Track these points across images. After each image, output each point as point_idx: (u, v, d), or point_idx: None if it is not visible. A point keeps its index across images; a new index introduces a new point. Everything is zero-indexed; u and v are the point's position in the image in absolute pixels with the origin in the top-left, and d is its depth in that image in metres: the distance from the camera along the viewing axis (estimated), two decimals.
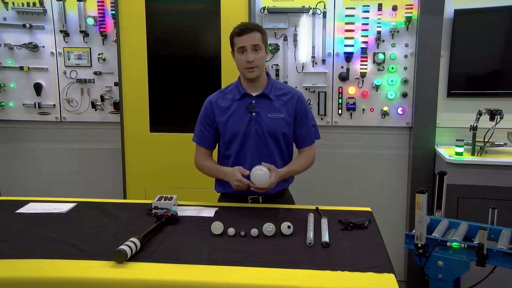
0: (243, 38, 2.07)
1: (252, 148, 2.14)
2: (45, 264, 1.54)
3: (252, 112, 2.14)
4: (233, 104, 2.17)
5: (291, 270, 1.48)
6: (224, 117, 2.17)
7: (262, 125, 2.14)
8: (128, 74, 3.19)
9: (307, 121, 2.22)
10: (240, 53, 2.09)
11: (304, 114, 2.21)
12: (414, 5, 3.08)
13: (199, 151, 2.27)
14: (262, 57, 2.11)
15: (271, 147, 2.17)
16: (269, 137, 2.15)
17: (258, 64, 2.09)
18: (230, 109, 2.17)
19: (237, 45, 2.09)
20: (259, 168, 2.00)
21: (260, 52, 2.09)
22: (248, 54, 2.07)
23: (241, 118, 2.15)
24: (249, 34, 2.07)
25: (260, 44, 2.09)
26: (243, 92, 2.17)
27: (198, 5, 3.12)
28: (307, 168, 2.25)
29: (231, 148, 2.18)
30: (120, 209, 2.09)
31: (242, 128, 2.14)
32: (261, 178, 1.99)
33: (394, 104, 3.22)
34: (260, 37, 2.09)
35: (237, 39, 2.09)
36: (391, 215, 3.29)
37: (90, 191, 3.50)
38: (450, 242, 1.69)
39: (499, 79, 3.11)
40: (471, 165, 2.81)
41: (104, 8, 3.33)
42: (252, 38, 2.07)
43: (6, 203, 2.21)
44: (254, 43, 2.07)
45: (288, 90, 2.23)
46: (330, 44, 3.20)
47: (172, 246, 1.67)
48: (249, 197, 2.19)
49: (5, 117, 3.58)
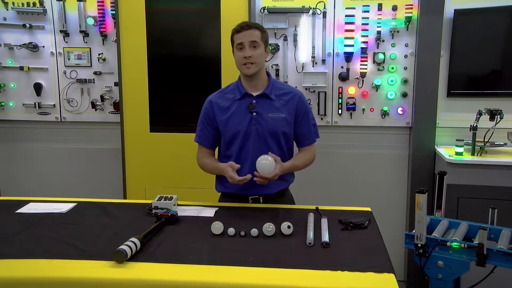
0: (242, 35, 2.09)
1: (253, 147, 2.14)
2: (45, 264, 1.54)
3: (252, 112, 2.15)
4: (233, 104, 2.18)
5: (291, 270, 1.48)
6: (225, 117, 2.17)
7: (263, 125, 2.14)
8: (128, 74, 3.19)
9: (308, 121, 2.23)
10: (238, 50, 2.11)
11: (305, 114, 2.22)
12: (414, 5, 3.08)
13: (200, 150, 2.28)
14: (260, 54, 2.11)
15: (272, 146, 2.17)
16: (270, 136, 2.15)
17: (255, 60, 2.10)
18: (230, 109, 2.17)
19: (236, 41, 2.12)
20: (265, 158, 2.02)
21: (258, 49, 2.10)
22: (245, 50, 2.08)
23: (242, 118, 2.15)
24: (248, 31, 2.09)
25: (259, 41, 2.10)
26: (244, 92, 2.17)
27: (198, 5, 3.12)
28: (308, 165, 2.27)
29: (231, 148, 2.18)
30: (120, 209, 2.09)
31: (243, 128, 2.14)
32: (266, 167, 2.00)
33: (394, 104, 3.22)
34: (259, 34, 2.10)
35: (236, 36, 2.12)
36: (391, 215, 3.29)
37: (90, 191, 3.50)
38: (450, 242, 1.69)
39: (499, 79, 3.11)
40: (471, 165, 2.81)
41: (104, 8, 3.33)
42: (250, 35, 2.09)
43: (6, 203, 2.21)
44: (251, 39, 2.08)
45: (289, 90, 2.23)
46: (330, 44, 3.20)
47: (172, 246, 1.67)
48: (250, 197, 2.19)
49: (5, 117, 3.58)
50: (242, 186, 2.10)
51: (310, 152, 2.26)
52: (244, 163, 2.13)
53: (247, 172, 2.08)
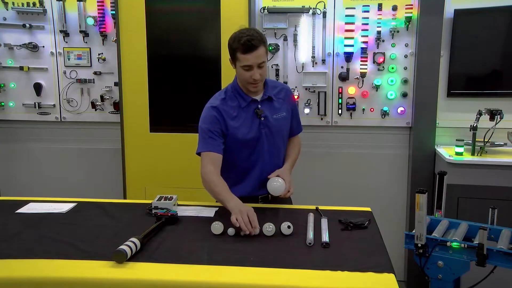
0: (250, 57, 1.98)
1: (263, 151, 2.15)
2: (45, 264, 1.54)
3: (261, 117, 2.13)
4: (240, 111, 2.13)
5: (291, 270, 1.48)
6: (236, 125, 2.11)
7: (271, 128, 2.16)
8: (128, 74, 3.19)
9: (297, 113, 2.34)
10: (245, 70, 2.02)
11: (295, 106, 2.33)
12: (414, 5, 3.08)
13: (208, 157, 2.06)
14: (265, 69, 2.09)
15: (279, 146, 2.22)
16: (278, 137, 2.19)
17: (263, 78, 2.09)
18: (239, 117, 2.12)
19: (242, 62, 2.00)
20: (275, 180, 2.06)
21: (264, 66, 2.05)
22: (254, 71, 2.01)
23: (251, 124, 2.13)
24: (255, 52, 1.97)
25: (265, 59, 2.04)
26: (249, 99, 2.13)
27: (198, 5, 3.12)
28: None
29: (240, 155, 2.15)
30: (120, 209, 2.09)
31: (253, 134, 2.13)
32: (278, 188, 2.05)
33: (394, 104, 3.22)
34: (264, 51, 2.01)
35: (242, 56, 1.99)
36: (391, 215, 3.29)
37: (90, 191, 3.50)
38: (450, 242, 1.69)
39: (499, 79, 3.11)
40: (471, 165, 2.81)
41: (104, 8, 3.32)
42: (258, 56, 1.99)
43: (6, 203, 2.21)
44: (260, 60, 2.00)
45: (281, 87, 2.27)
46: (330, 44, 3.20)
47: (172, 246, 1.67)
48: (260, 196, 2.21)
49: (5, 117, 3.58)
50: (251, 189, 2.17)
51: (298, 142, 2.38)
52: (255, 166, 2.16)
53: (258, 176, 2.14)
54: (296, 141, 2.36)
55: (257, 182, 2.17)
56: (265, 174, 2.14)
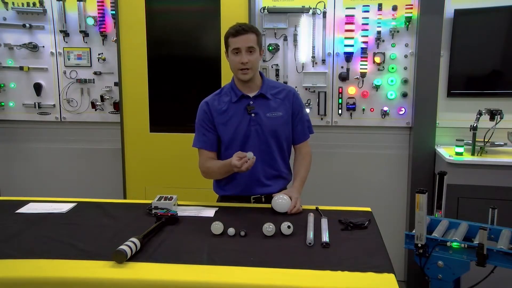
0: (238, 40, 2.05)
1: (254, 149, 2.13)
2: (45, 264, 1.54)
3: (251, 113, 2.15)
4: (230, 106, 2.17)
5: (291, 270, 1.48)
6: (223, 120, 2.16)
7: (262, 126, 2.15)
8: (128, 74, 3.19)
9: (303, 117, 2.26)
10: (234, 54, 2.08)
11: (301, 110, 2.25)
12: (414, 5, 3.08)
13: (203, 155, 2.21)
14: (256, 59, 2.11)
15: (272, 146, 2.18)
16: (270, 136, 2.16)
17: (252, 66, 2.09)
18: (228, 112, 2.17)
19: (231, 46, 2.08)
20: (280, 197, 2.03)
21: (255, 53, 2.09)
22: (242, 55, 2.06)
23: (240, 120, 2.15)
24: (244, 36, 2.05)
25: (255, 46, 2.08)
26: (240, 94, 2.16)
27: (198, 5, 3.12)
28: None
29: (230, 151, 2.16)
30: (120, 209, 2.09)
31: (242, 129, 2.14)
32: (282, 205, 2.01)
33: (394, 104, 3.22)
34: (255, 39, 2.08)
35: (232, 40, 2.07)
36: (391, 215, 3.29)
37: (90, 191, 3.50)
38: (450, 242, 1.69)
39: (499, 79, 3.11)
40: (471, 165, 2.81)
41: (104, 8, 3.33)
42: (247, 40, 2.06)
43: (6, 203, 2.21)
44: (248, 45, 2.06)
45: (283, 88, 2.25)
46: (330, 44, 3.20)
47: (172, 246, 1.67)
48: (252, 197, 2.20)
49: (5, 117, 3.58)
50: (242, 187, 2.16)
51: (307, 153, 2.28)
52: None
53: (249, 174, 2.09)
54: (304, 153, 2.27)
55: (249, 181, 2.16)
56: (257, 173, 2.15)
